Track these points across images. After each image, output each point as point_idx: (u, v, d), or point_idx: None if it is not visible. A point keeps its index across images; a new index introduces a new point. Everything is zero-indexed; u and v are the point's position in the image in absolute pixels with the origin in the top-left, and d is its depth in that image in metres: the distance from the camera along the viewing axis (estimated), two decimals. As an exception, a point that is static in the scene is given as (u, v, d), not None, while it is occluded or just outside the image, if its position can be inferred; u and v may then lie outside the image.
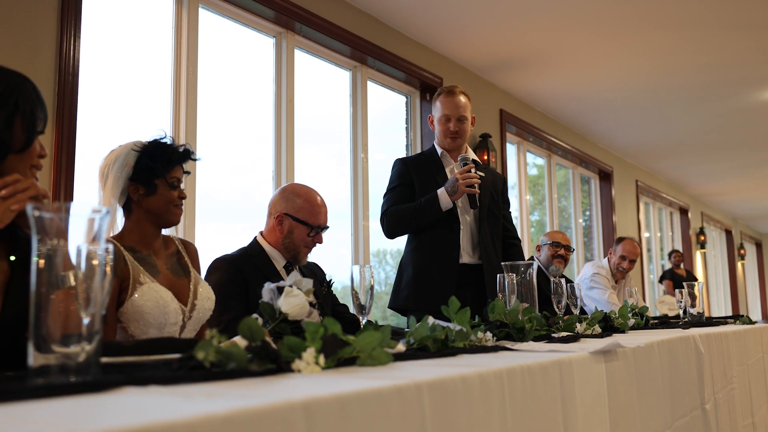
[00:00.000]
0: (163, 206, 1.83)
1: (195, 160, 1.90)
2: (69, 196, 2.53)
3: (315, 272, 2.38)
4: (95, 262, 0.83)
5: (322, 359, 0.95)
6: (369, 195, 4.39)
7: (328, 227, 2.30)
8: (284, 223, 2.24)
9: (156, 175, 1.81)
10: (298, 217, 2.24)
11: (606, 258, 4.78)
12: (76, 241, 0.83)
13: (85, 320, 0.83)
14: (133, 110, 3.20)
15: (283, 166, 3.76)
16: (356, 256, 4.31)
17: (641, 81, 5.69)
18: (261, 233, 2.31)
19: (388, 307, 2.79)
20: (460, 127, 2.73)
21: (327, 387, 0.74)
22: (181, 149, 1.85)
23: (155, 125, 3.26)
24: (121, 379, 0.75)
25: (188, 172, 1.92)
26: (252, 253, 2.24)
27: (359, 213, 4.34)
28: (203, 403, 0.64)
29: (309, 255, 2.30)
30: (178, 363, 0.90)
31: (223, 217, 3.12)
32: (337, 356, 1.00)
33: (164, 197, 1.83)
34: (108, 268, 0.86)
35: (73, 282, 0.82)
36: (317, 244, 2.29)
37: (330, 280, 2.09)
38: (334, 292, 2.41)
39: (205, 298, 1.90)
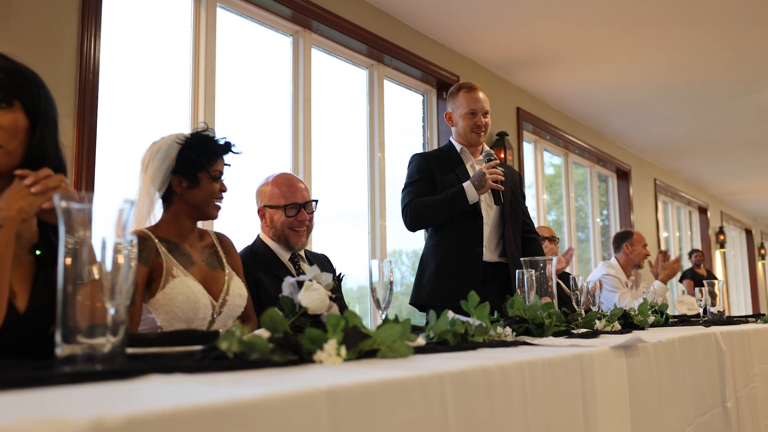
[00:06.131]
0: (204, 199, 1.84)
1: (236, 153, 1.90)
2: (90, 194, 2.55)
3: (324, 266, 2.37)
4: (121, 253, 0.84)
5: (343, 351, 0.96)
6: (386, 194, 4.39)
7: (310, 201, 2.29)
8: (266, 216, 2.28)
9: (199, 168, 1.82)
10: (272, 203, 2.27)
11: (614, 258, 4.75)
12: (102, 232, 0.84)
13: (111, 311, 0.84)
14: (153, 109, 3.22)
15: (300, 165, 3.77)
16: (373, 256, 4.31)
17: (660, 78, 5.64)
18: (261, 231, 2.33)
19: (410, 303, 2.78)
20: (486, 121, 2.75)
21: (350, 376, 0.75)
22: (222, 142, 1.86)
23: (174, 124, 3.29)
24: (147, 367, 0.75)
25: (228, 165, 1.92)
26: (257, 251, 2.25)
27: (376, 212, 4.34)
28: (229, 389, 0.65)
29: (304, 236, 2.28)
30: (201, 353, 0.91)
31: (240, 216, 3.14)
32: (358, 348, 1.01)
33: (206, 190, 1.84)
34: (133, 261, 0.88)
35: (98, 274, 0.83)
36: (307, 222, 2.27)
37: (340, 274, 2.09)
38: (343, 290, 2.40)
39: (237, 294, 1.89)
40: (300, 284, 1.43)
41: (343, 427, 0.67)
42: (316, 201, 2.32)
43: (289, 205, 2.26)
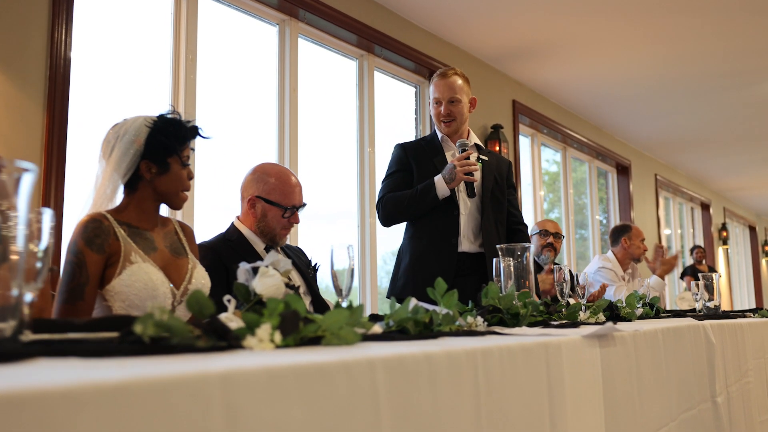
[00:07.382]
0: (174, 186, 1.77)
1: (205, 137, 1.82)
2: (60, 183, 2.48)
3: (299, 257, 2.31)
4: (23, 229, 0.76)
5: (278, 336, 0.88)
6: (376, 191, 4.29)
7: (304, 205, 2.23)
8: (257, 207, 2.18)
9: (170, 152, 1.74)
10: (271, 198, 2.17)
11: (611, 251, 4.66)
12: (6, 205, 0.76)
13: (14, 292, 0.77)
14: (130, 100, 3.15)
15: (286, 160, 3.69)
16: (363, 256, 4.20)
17: (660, 70, 5.54)
18: (237, 218, 2.25)
19: (387, 297, 2.72)
20: (452, 109, 2.65)
21: (261, 360, 0.67)
22: (189, 125, 1.78)
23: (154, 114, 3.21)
24: (35, 350, 0.68)
25: (193, 149, 1.85)
26: (230, 237, 2.18)
27: (366, 210, 4.24)
28: (109, 372, 0.57)
29: (288, 236, 2.24)
30: (119, 338, 0.83)
31: (223, 208, 3.07)
32: (300, 335, 0.93)
33: (176, 176, 1.76)
34: (46, 237, 0.81)
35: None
36: (295, 224, 2.21)
37: (315, 265, 2.01)
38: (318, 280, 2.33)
39: (200, 284, 1.82)
40: (256, 271, 1.36)
41: (240, 415, 0.59)
42: (305, 204, 2.27)
43: (290, 208, 2.18)
